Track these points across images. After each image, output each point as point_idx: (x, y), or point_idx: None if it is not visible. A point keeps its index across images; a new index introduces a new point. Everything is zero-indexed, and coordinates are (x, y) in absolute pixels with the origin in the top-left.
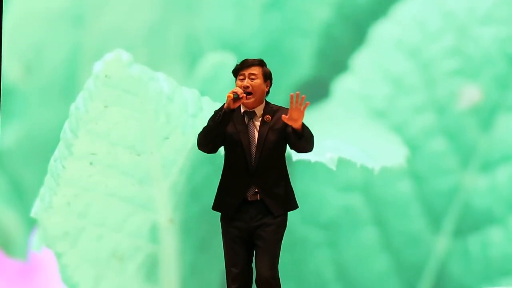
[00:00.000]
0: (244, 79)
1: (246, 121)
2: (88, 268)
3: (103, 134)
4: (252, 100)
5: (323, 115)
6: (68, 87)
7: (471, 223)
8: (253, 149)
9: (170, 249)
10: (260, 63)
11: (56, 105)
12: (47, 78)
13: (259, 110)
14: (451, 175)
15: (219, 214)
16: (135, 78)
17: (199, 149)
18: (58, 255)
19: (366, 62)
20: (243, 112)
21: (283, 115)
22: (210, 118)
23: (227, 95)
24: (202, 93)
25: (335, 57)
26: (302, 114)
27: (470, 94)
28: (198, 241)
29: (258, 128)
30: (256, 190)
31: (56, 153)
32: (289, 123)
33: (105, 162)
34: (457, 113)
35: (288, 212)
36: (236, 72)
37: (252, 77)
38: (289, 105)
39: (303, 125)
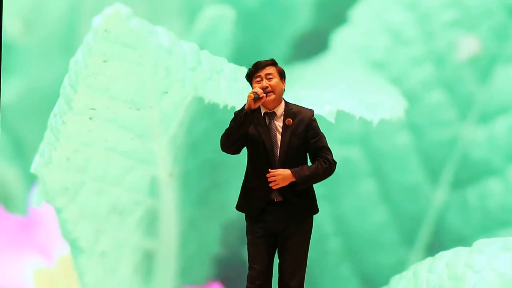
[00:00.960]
0: (262, 80)
1: (267, 122)
2: (87, 222)
3: (103, 89)
4: (273, 97)
5: (322, 67)
6: (67, 42)
7: (470, 174)
8: (276, 150)
9: (169, 203)
10: (273, 63)
11: (56, 60)
12: (47, 33)
13: (279, 110)
14: (449, 127)
15: (219, 167)
16: (134, 32)
17: (222, 151)
18: (58, 210)
19: (365, 14)
20: (263, 113)
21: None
22: (232, 119)
23: (247, 95)
24: (201, 47)
25: (334, 9)
26: (282, 182)
27: (469, 45)
28: (198, 195)
29: (279, 129)
30: (280, 192)
31: (55, 108)
32: None
33: (104, 117)
34: (455, 65)
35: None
36: (251, 75)
37: (269, 76)
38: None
39: (299, 179)
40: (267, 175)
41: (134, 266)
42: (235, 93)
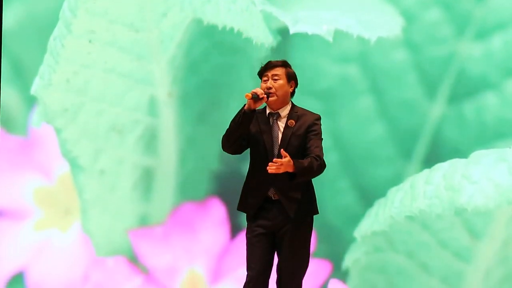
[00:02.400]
0: (268, 80)
1: (271, 122)
2: (87, 142)
3: (102, 13)
4: (274, 99)
5: None
6: None
7: (466, 89)
8: (276, 150)
9: (168, 122)
10: (284, 64)
11: None
12: None
13: (283, 112)
14: (446, 43)
15: (218, 87)
16: None
17: (223, 150)
18: (58, 131)
19: None
20: (268, 113)
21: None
22: (233, 119)
23: (245, 95)
24: None
25: None
26: (284, 168)
27: None
28: (196, 113)
29: (281, 129)
30: (277, 190)
31: (55, 32)
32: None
33: (104, 40)
34: None
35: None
36: (261, 74)
37: (275, 77)
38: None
39: (298, 169)
40: (274, 160)
41: (133, 183)
42: (234, 15)
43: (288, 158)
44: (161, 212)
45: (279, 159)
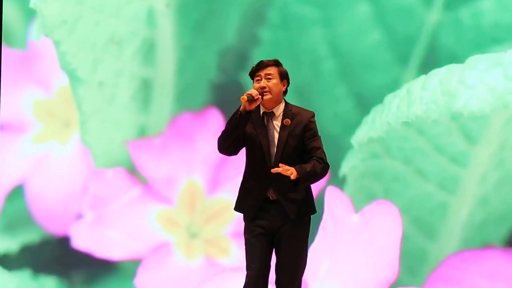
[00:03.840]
0: (261, 80)
1: (266, 122)
2: (86, 53)
3: None
4: (269, 97)
5: None
6: None
7: None
8: (273, 150)
9: (166, 32)
10: (276, 63)
11: None
12: None
13: (278, 111)
14: None
15: None
16: None
17: (220, 152)
18: (57, 43)
19: None
20: (262, 113)
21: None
22: (228, 120)
23: (241, 98)
24: None
25: None
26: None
27: None
28: (194, 23)
29: (277, 128)
30: (276, 190)
31: None
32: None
33: None
34: None
35: None
36: (253, 74)
37: (269, 77)
38: None
39: (302, 175)
40: (280, 165)
41: (132, 94)
42: None
43: (291, 169)
44: (160, 123)
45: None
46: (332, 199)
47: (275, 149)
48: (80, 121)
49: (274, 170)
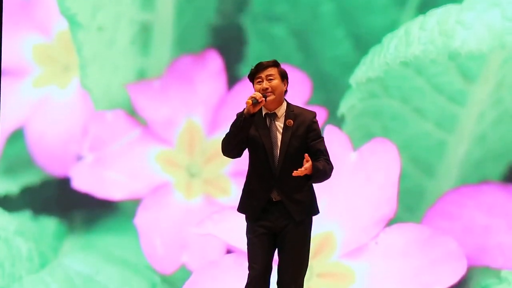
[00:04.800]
0: (262, 81)
1: (268, 124)
2: None
3: None
4: (272, 98)
5: None
6: None
7: None
8: (276, 151)
9: None
10: (275, 64)
11: None
12: None
13: (280, 111)
14: None
15: None
16: None
17: (224, 155)
18: None
19: None
20: (264, 114)
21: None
22: (232, 124)
23: (246, 101)
24: None
25: None
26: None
27: None
28: None
29: (280, 130)
30: (279, 191)
31: None
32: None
33: None
34: None
35: None
36: (253, 76)
37: (270, 78)
38: None
39: (315, 169)
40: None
41: (131, 38)
42: None
43: (310, 162)
44: (159, 66)
45: (304, 167)
46: (330, 138)
47: (278, 150)
48: (80, 65)
49: (296, 174)
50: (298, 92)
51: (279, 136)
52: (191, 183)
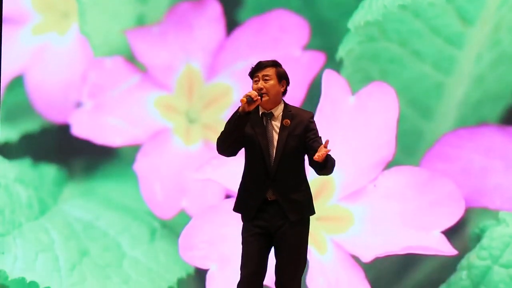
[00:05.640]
0: (259, 80)
1: (265, 123)
2: None
3: None
4: (266, 99)
5: None
6: None
7: None
8: (272, 151)
9: None
10: (274, 64)
11: None
12: None
13: (277, 111)
14: None
15: None
16: None
17: (219, 153)
18: None
19: None
20: (261, 113)
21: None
22: (227, 122)
23: (240, 100)
24: None
25: None
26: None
27: None
28: None
29: (276, 129)
30: (274, 191)
31: None
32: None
33: None
34: None
35: None
36: (252, 75)
37: (266, 78)
38: None
39: (329, 156)
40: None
41: None
42: None
43: (327, 148)
44: (158, 11)
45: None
46: (329, 82)
47: (274, 150)
48: (79, 12)
49: (318, 158)
50: (297, 37)
51: (276, 136)
52: (190, 129)
